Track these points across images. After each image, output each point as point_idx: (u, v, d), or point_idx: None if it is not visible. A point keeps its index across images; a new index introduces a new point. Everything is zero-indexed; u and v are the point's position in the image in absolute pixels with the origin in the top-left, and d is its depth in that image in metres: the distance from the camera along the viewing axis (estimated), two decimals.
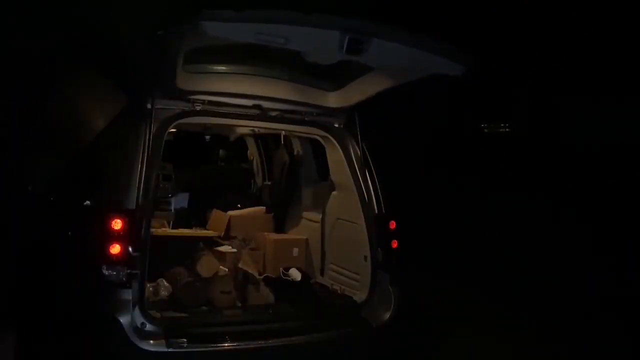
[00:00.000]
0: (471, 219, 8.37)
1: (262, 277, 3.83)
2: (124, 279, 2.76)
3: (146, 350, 2.77)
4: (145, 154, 2.91)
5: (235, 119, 3.57)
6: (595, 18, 9.41)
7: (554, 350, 4.31)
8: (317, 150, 4.29)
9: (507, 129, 13.67)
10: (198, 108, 3.29)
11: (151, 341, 2.80)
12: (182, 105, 3.25)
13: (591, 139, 10.55)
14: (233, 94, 3.38)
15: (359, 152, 3.64)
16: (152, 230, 3.28)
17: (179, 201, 4.68)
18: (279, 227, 4.59)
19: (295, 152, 4.57)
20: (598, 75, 10.14)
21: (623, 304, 5.21)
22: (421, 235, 6.07)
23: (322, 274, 4.05)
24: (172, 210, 4.43)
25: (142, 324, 2.81)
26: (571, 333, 4.57)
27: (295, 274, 3.95)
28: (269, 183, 5.17)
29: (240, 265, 3.75)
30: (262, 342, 3.03)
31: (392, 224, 3.50)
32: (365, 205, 3.52)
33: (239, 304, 3.51)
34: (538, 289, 5.58)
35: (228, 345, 2.95)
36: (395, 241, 3.48)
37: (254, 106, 3.45)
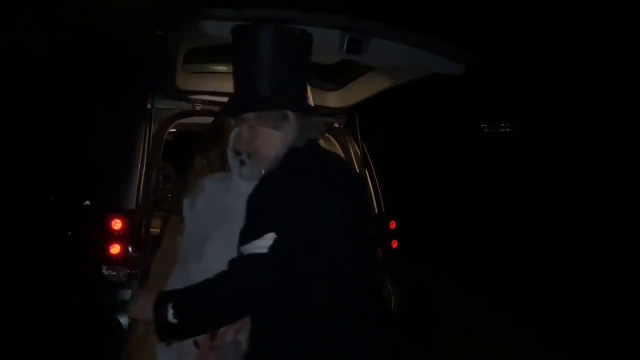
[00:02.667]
0: (471, 218, 8.37)
1: None
2: (124, 279, 2.75)
3: None
4: (145, 154, 2.90)
5: None
6: (595, 18, 9.41)
7: (552, 350, 4.31)
8: None
9: (507, 129, 13.68)
10: (198, 108, 3.28)
11: None
12: (182, 105, 3.24)
13: (591, 139, 10.55)
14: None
15: (359, 152, 3.63)
16: (152, 230, 3.27)
17: None
18: None
19: None
20: (598, 76, 10.14)
21: (622, 302, 5.21)
22: (421, 234, 6.08)
23: None
24: None
25: None
26: (569, 333, 4.58)
27: None
28: None
29: None
30: None
31: (392, 224, 3.50)
32: None
33: None
34: (538, 288, 5.57)
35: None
36: (395, 241, 3.47)
37: None
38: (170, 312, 1.57)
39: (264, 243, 1.50)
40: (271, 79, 1.68)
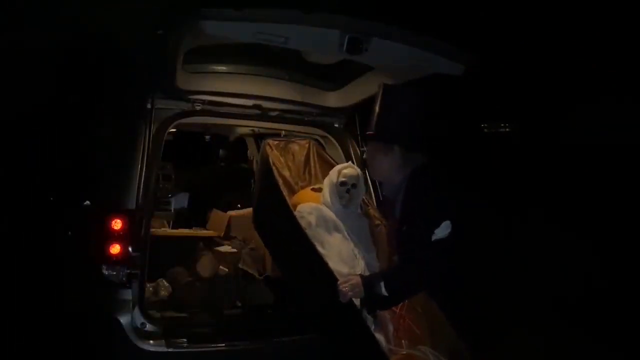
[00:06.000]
0: (470, 218, 8.34)
1: (262, 277, 3.82)
2: (124, 279, 2.76)
3: (146, 350, 2.77)
4: (145, 154, 2.91)
5: (235, 119, 3.57)
6: (595, 18, 9.41)
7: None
8: None
9: (507, 129, 13.66)
10: (198, 108, 3.29)
11: (151, 341, 2.79)
12: (182, 105, 3.25)
13: (591, 139, 10.54)
14: (233, 94, 3.38)
15: (359, 152, 3.64)
16: (152, 230, 3.27)
17: (179, 201, 4.67)
18: None
19: None
20: (598, 75, 10.14)
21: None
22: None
23: None
24: (172, 210, 4.43)
25: (142, 324, 2.80)
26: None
27: None
28: None
29: (240, 265, 3.75)
30: (262, 342, 3.02)
31: None
32: (365, 205, 3.52)
33: (239, 304, 3.50)
34: (537, 289, 5.57)
35: (228, 345, 2.95)
36: None
37: (254, 106, 3.45)
38: (383, 288, 2.19)
39: (444, 230, 2.13)
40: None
